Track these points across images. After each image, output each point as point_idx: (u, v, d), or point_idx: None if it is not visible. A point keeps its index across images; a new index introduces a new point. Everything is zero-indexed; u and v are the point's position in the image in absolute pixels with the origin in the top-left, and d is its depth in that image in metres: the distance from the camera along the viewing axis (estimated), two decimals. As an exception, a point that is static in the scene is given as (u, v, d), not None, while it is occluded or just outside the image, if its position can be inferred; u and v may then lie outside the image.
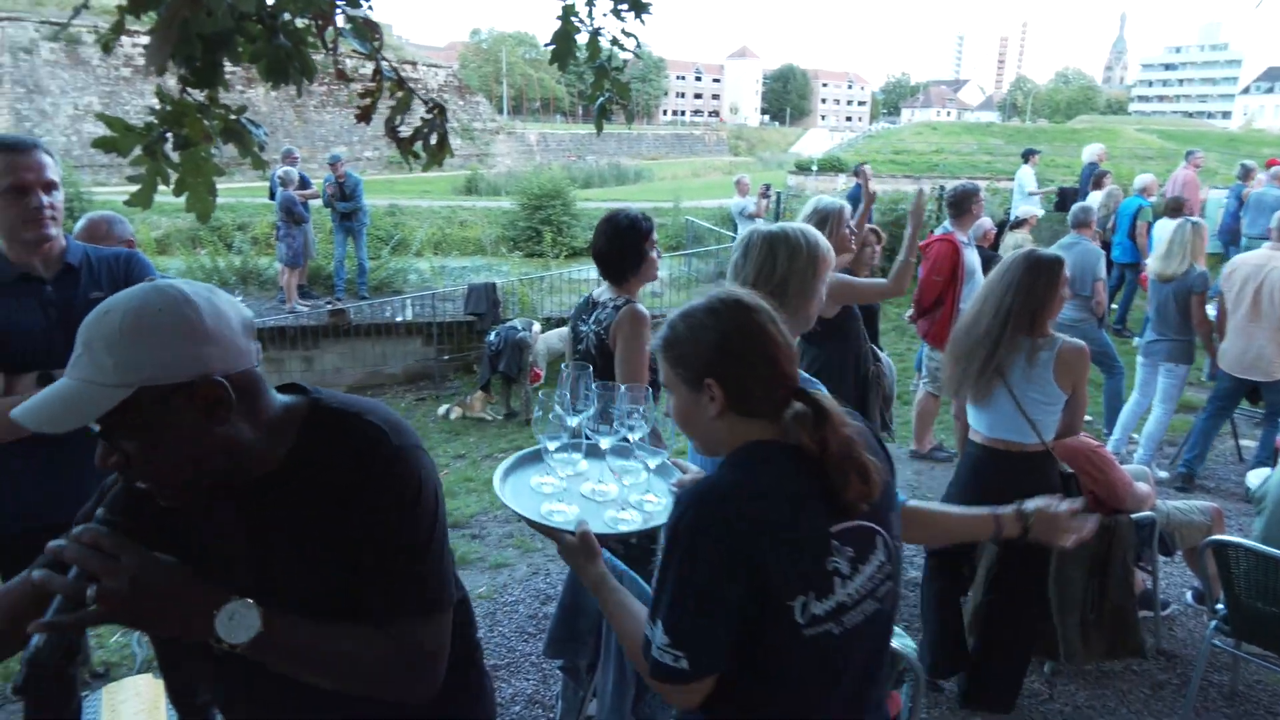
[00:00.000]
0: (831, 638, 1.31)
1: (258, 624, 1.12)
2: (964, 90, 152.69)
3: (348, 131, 33.22)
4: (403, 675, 1.22)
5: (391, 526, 1.22)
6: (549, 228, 17.46)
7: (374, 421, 1.25)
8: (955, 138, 35.40)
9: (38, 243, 2.24)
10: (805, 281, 1.95)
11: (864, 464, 1.33)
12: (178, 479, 1.16)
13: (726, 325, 1.40)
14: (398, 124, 1.79)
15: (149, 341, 1.09)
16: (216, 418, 1.14)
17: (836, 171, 24.22)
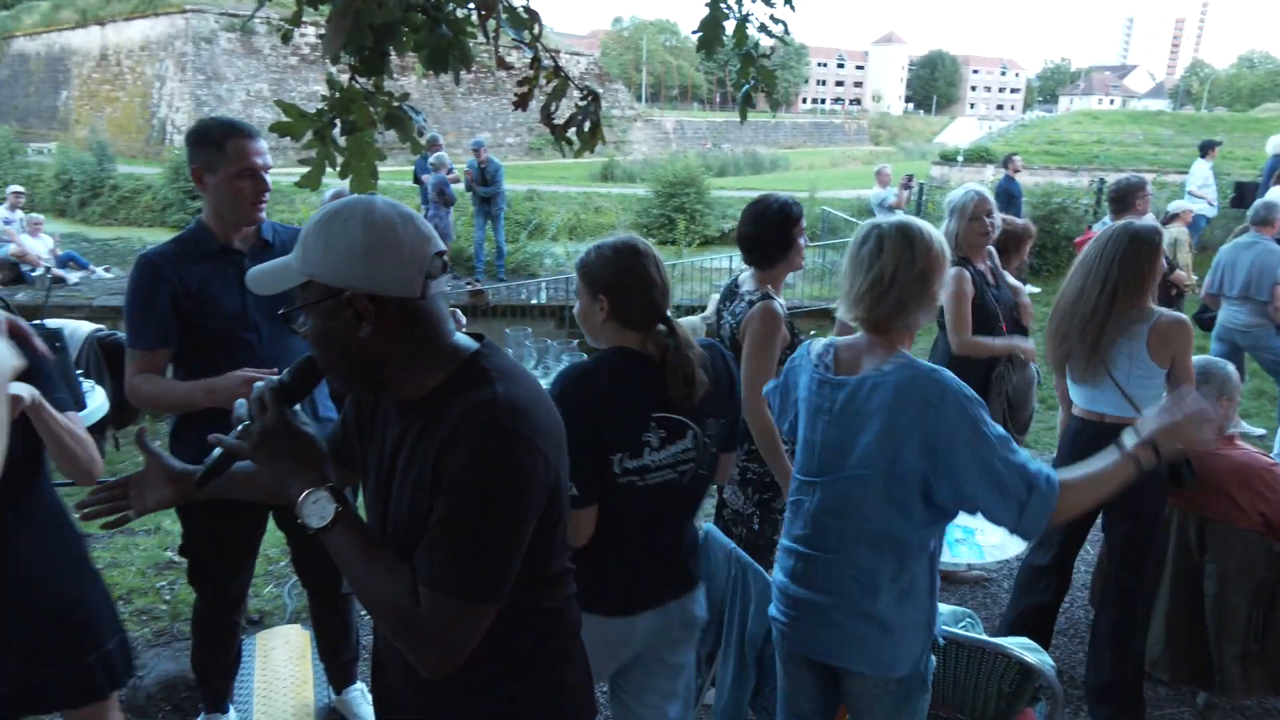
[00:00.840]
0: (635, 488, 1.86)
1: (328, 518, 1.26)
2: (1131, 76, 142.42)
3: (491, 118, 34.34)
4: (409, 637, 1.24)
5: (457, 494, 1.22)
6: (682, 215, 17.50)
7: (501, 393, 1.25)
8: (1119, 127, 33.10)
9: (253, 222, 2.44)
10: (938, 274, 1.92)
11: (690, 374, 1.84)
12: (329, 367, 1.32)
13: (620, 262, 1.92)
14: (552, 111, 1.84)
15: (326, 243, 1.24)
16: (358, 329, 1.25)
17: (984, 162, 23.15)
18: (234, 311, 2.44)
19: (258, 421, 1.29)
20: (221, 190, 2.35)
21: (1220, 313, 6.16)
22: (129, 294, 2.39)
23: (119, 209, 21.87)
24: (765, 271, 2.99)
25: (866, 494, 1.88)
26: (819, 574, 1.96)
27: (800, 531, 2.01)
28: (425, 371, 1.31)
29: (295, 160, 2.13)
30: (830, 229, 15.42)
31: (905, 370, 1.85)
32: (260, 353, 2.48)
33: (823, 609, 1.96)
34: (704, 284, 11.34)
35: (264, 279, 1.32)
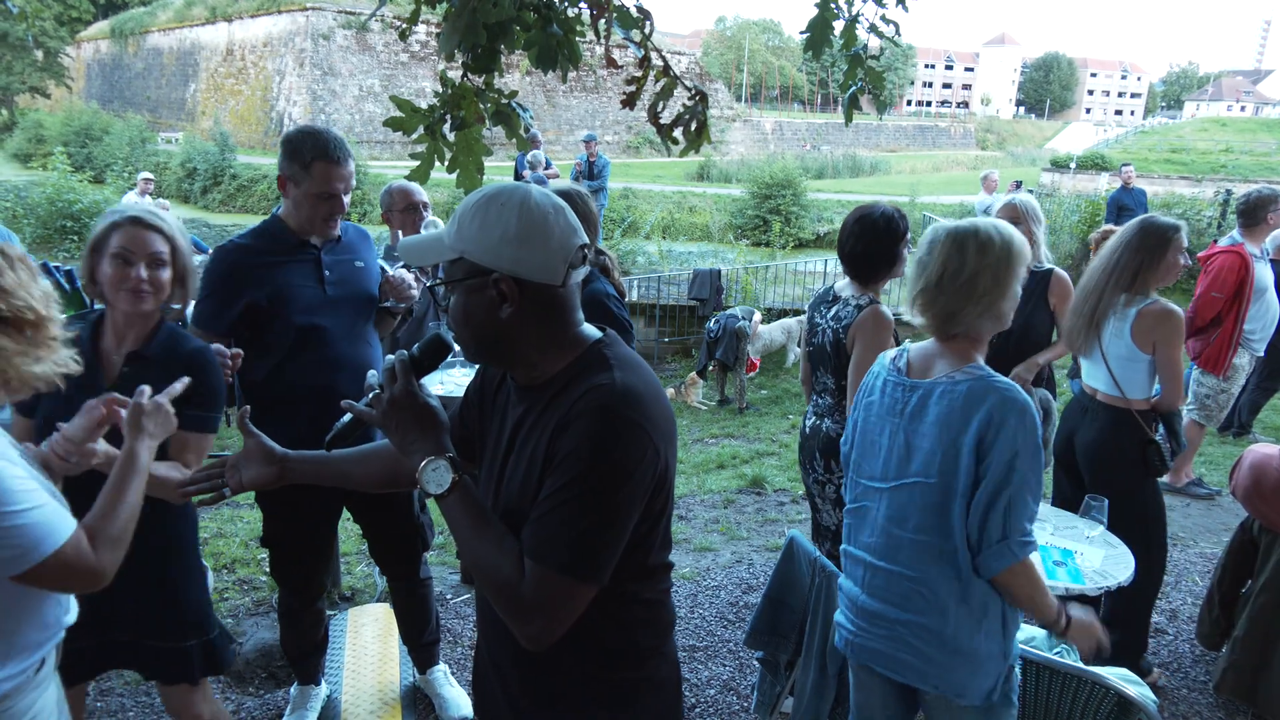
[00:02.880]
0: None
1: (446, 484, 1.32)
2: (1266, 82, 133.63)
3: (591, 116, 34.71)
4: (511, 606, 1.29)
5: (567, 473, 1.26)
6: (777, 217, 17.32)
7: (618, 380, 1.31)
8: (1250, 135, 31.23)
9: (325, 236, 2.57)
10: (998, 277, 1.85)
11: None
12: (465, 341, 1.39)
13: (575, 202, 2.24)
14: (660, 110, 1.85)
15: (481, 224, 1.30)
16: (499, 309, 1.32)
17: (1098, 169, 22.15)
18: (312, 305, 2.55)
19: (387, 390, 1.37)
20: (301, 204, 2.49)
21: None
22: (204, 277, 2.51)
23: (237, 196, 23.06)
24: (867, 285, 2.94)
25: (926, 503, 1.86)
26: (889, 586, 1.93)
27: (868, 540, 1.98)
28: (552, 356, 1.37)
29: (406, 154, 2.20)
30: (931, 235, 15.00)
31: (978, 383, 1.82)
32: (334, 347, 2.58)
33: (893, 624, 1.93)
34: (797, 287, 11.19)
35: (416, 250, 1.39)
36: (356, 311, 2.67)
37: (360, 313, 2.69)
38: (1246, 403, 6.42)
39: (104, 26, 42.62)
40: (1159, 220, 3.17)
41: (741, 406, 8.42)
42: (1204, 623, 3.53)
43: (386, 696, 3.15)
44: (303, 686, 2.99)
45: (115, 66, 41.39)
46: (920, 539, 1.87)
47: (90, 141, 27.46)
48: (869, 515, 1.99)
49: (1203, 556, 4.56)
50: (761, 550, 4.54)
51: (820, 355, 3.06)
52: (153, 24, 38.56)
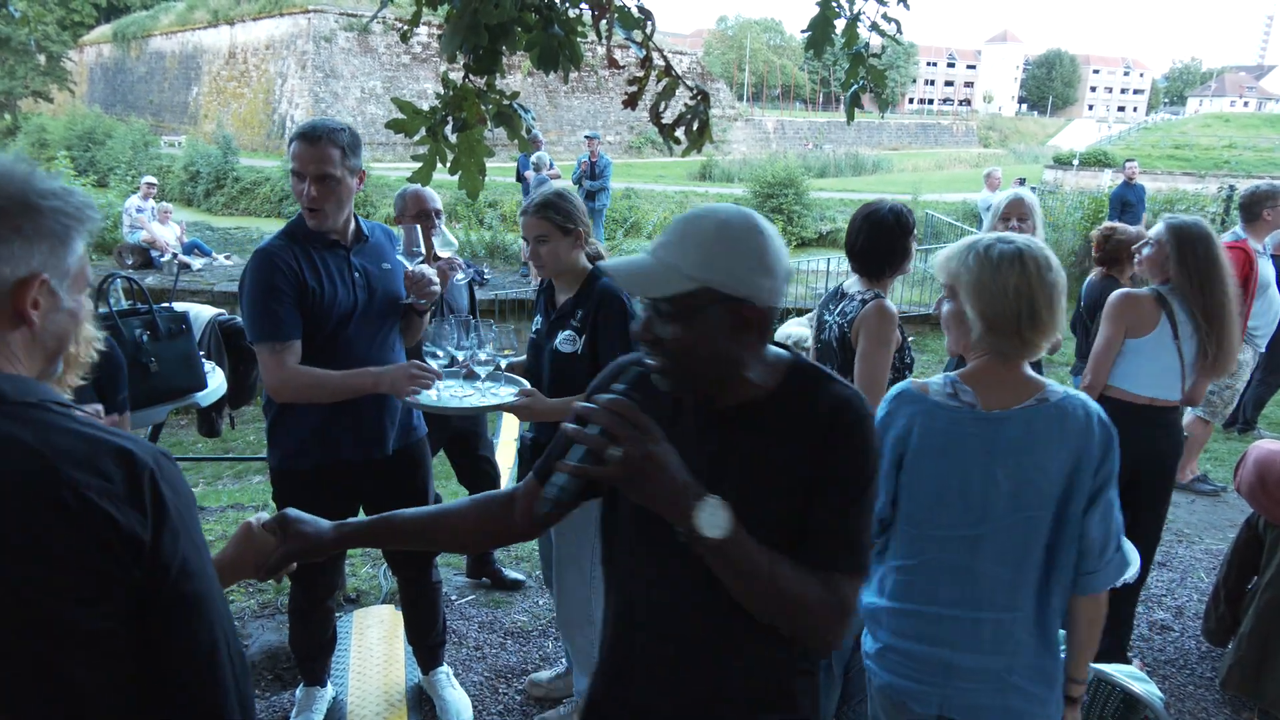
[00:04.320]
0: None
1: (727, 523, 1.21)
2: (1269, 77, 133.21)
3: (593, 116, 34.72)
4: (826, 624, 1.29)
5: (848, 481, 1.31)
6: (780, 216, 17.34)
7: (851, 385, 1.38)
8: (1253, 131, 31.19)
9: (315, 224, 2.52)
10: (1054, 300, 1.77)
11: None
12: (689, 371, 1.32)
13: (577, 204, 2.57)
14: (662, 110, 1.85)
15: (728, 253, 1.28)
16: (741, 336, 1.30)
17: (1101, 166, 22.11)
18: (348, 306, 2.55)
19: (635, 445, 1.19)
20: (292, 188, 2.49)
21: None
22: (252, 287, 2.46)
23: (240, 200, 23.10)
24: (875, 281, 2.94)
25: (1035, 539, 1.76)
26: (996, 636, 1.79)
27: (959, 593, 1.81)
28: (764, 375, 1.37)
29: (408, 156, 2.20)
30: (933, 233, 14.99)
31: (1077, 400, 1.75)
32: (359, 350, 2.58)
33: (999, 673, 1.79)
34: (801, 286, 11.19)
35: (641, 281, 1.31)
36: (383, 315, 2.66)
37: (387, 316, 2.68)
38: (1251, 398, 6.40)
39: (106, 30, 42.71)
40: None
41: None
42: (1210, 619, 3.53)
43: (392, 698, 3.15)
44: (308, 688, 3.00)
45: (118, 70, 41.49)
46: (1024, 576, 1.78)
47: (93, 145, 27.53)
48: (953, 566, 1.81)
49: (1208, 553, 4.55)
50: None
51: (827, 352, 3.07)
52: (155, 28, 38.64)
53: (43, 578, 0.96)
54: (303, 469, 2.65)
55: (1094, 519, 1.74)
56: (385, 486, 2.76)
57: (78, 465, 0.97)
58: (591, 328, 2.63)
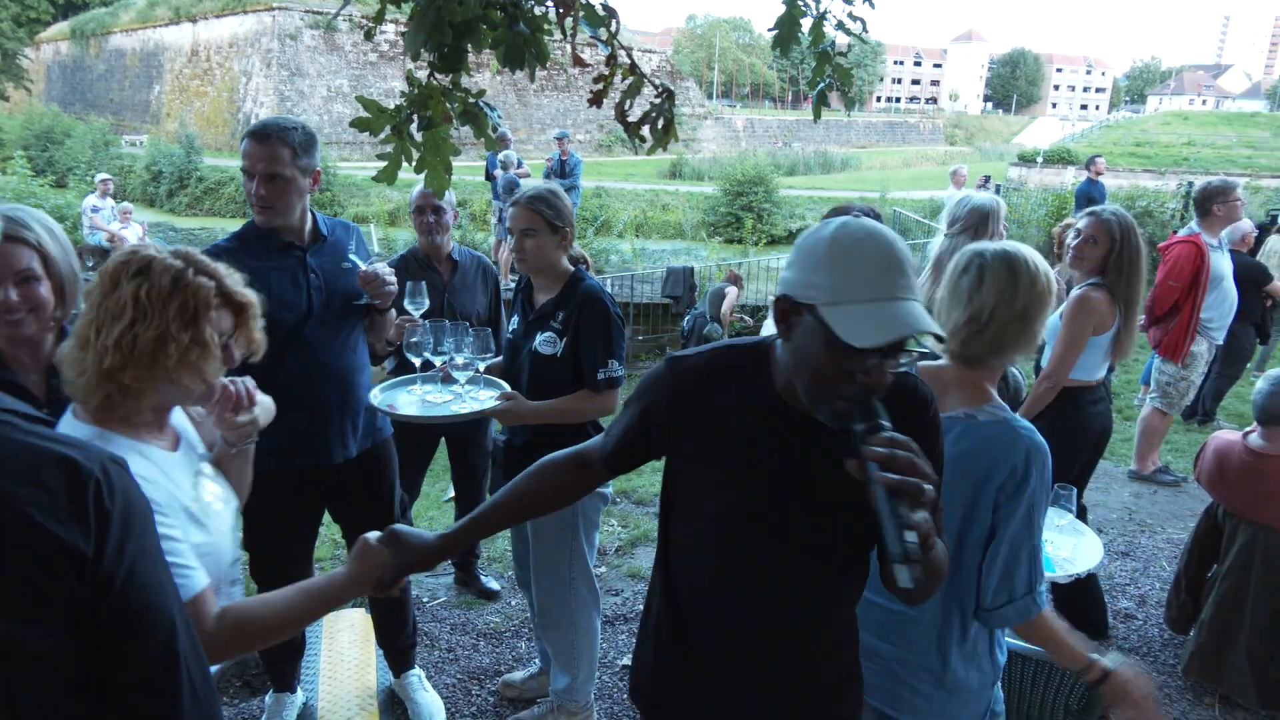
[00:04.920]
0: None
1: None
2: (1225, 76, 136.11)
3: (562, 115, 34.62)
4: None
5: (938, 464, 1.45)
6: (750, 214, 17.40)
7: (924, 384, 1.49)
8: (1210, 129, 31.82)
9: (263, 223, 2.47)
10: (1043, 312, 1.79)
11: None
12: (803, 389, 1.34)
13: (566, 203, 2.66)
14: (627, 108, 1.85)
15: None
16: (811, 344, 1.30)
17: (1065, 164, 22.44)
18: (302, 310, 2.50)
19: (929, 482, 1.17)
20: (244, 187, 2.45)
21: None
22: None
23: (204, 200, 22.73)
24: None
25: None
26: (887, 622, 1.84)
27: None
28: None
29: (373, 155, 2.17)
30: (901, 230, 15.13)
31: (1004, 427, 1.75)
32: (319, 352, 2.54)
33: (889, 660, 1.86)
34: (770, 283, 11.24)
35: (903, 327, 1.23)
36: (343, 316, 2.61)
37: (347, 317, 2.63)
38: (1210, 391, 6.54)
39: (64, 28, 41.84)
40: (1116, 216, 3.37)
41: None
42: (1172, 607, 3.60)
43: (364, 703, 3.12)
44: (278, 694, 2.96)
45: (76, 68, 40.67)
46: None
47: (51, 145, 26.94)
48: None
49: (1170, 542, 4.64)
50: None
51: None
52: (115, 25, 37.92)
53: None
54: (265, 470, 2.61)
55: (1001, 556, 1.72)
56: (350, 489, 2.73)
57: (16, 479, 0.94)
58: (574, 330, 2.63)
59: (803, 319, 1.30)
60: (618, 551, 4.49)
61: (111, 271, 1.44)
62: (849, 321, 1.23)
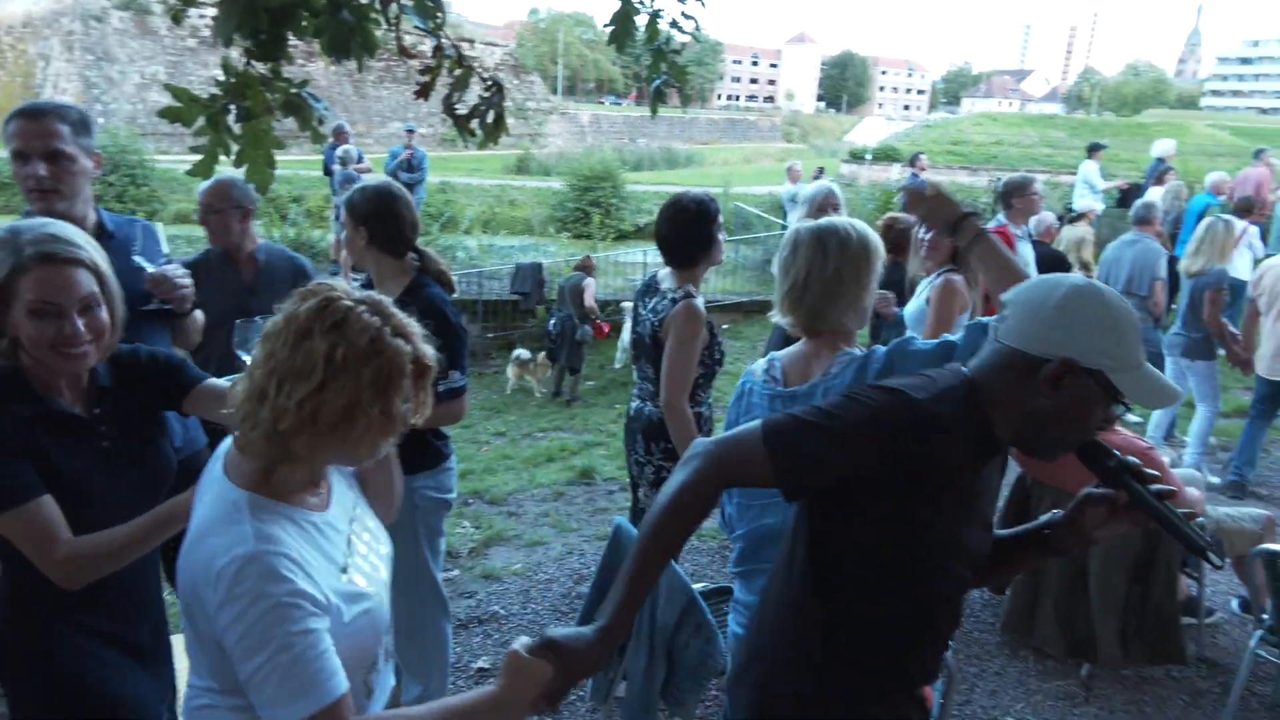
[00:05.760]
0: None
1: None
2: (1028, 81, 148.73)
3: (404, 108, 33.56)
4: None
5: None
6: (598, 210, 17.48)
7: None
8: (1016, 129, 34.62)
9: (43, 213, 2.19)
10: (858, 272, 1.93)
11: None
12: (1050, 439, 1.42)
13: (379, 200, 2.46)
14: (455, 101, 1.81)
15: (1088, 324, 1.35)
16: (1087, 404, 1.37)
17: (891, 161, 23.83)
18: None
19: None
20: (14, 174, 2.21)
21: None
22: None
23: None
24: (685, 270, 3.01)
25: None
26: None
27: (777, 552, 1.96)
28: None
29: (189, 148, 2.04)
30: (743, 224, 15.65)
31: (854, 364, 1.88)
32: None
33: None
34: (619, 278, 11.36)
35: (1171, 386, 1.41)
36: (136, 323, 2.40)
37: (143, 322, 2.39)
38: (1020, 369, 7.14)
39: None
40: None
41: (571, 399, 8.45)
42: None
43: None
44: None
45: None
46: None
47: None
48: (774, 532, 1.92)
49: (989, 510, 5.04)
50: (592, 540, 4.59)
51: (640, 345, 3.14)
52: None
53: None
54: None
55: None
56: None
57: None
58: None
59: (1081, 380, 1.36)
60: (471, 553, 4.42)
61: (303, 319, 1.24)
62: (1135, 387, 1.37)
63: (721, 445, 1.38)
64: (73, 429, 1.65)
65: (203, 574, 1.23)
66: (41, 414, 1.61)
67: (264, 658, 1.19)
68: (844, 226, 1.95)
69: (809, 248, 1.92)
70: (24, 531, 1.55)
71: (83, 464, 1.65)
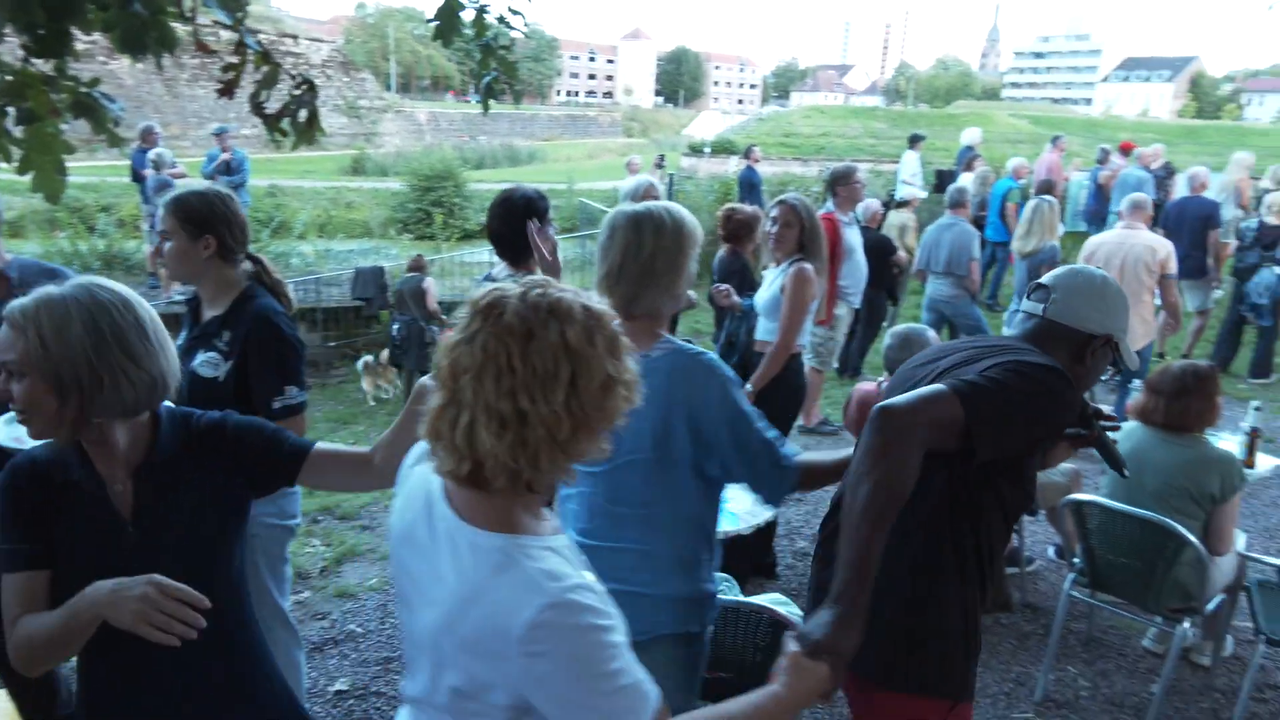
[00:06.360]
0: None
1: None
2: (850, 75, 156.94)
3: (223, 108, 31.46)
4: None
5: None
6: (440, 210, 17.08)
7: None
8: (842, 121, 36.40)
9: None
10: (673, 257, 1.95)
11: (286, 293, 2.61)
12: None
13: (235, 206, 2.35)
14: (263, 100, 1.71)
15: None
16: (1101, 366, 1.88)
17: (728, 154, 24.55)
18: None
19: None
20: None
21: (928, 286, 6.99)
22: None
23: None
24: (519, 265, 2.99)
25: (647, 478, 1.91)
26: (613, 562, 1.91)
27: (586, 525, 1.98)
28: None
29: (-38, 154, 1.82)
30: (587, 220, 15.68)
31: (674, 356, 1.92)
32: None
33: (619, 595, 1.95)
34: (465, 278, 11.14)
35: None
36: None
37: None
38: (857, 348, 7.54)
39: None
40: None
41: (419, 404, 8.21)
42: (835, 541, 4.14)
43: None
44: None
45: None
46: (645, 512, 1.91)
47: None
48: (586, 500, 1.98)
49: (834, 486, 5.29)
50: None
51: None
52: None
53: None
54: None
55: (734, 457, 1.91)
56: None
57: None
58: (241, 353, 2.38)
59: (1105, 347, 1.83)
60: (323, 572, 4.22)
61: (520, 321, 1.13)
62: (1128, 351, 1.86)
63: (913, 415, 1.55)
64: (95, 508, 1.48)
65: (494, 636, 1.14)
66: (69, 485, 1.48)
67: (599, 695, 1.15)
68: (659, 211, 1.97)
69: (625, 233, 1.94)
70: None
71: (95, 551, 1.47)
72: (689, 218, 2.01)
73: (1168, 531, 2.98)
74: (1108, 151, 12.25)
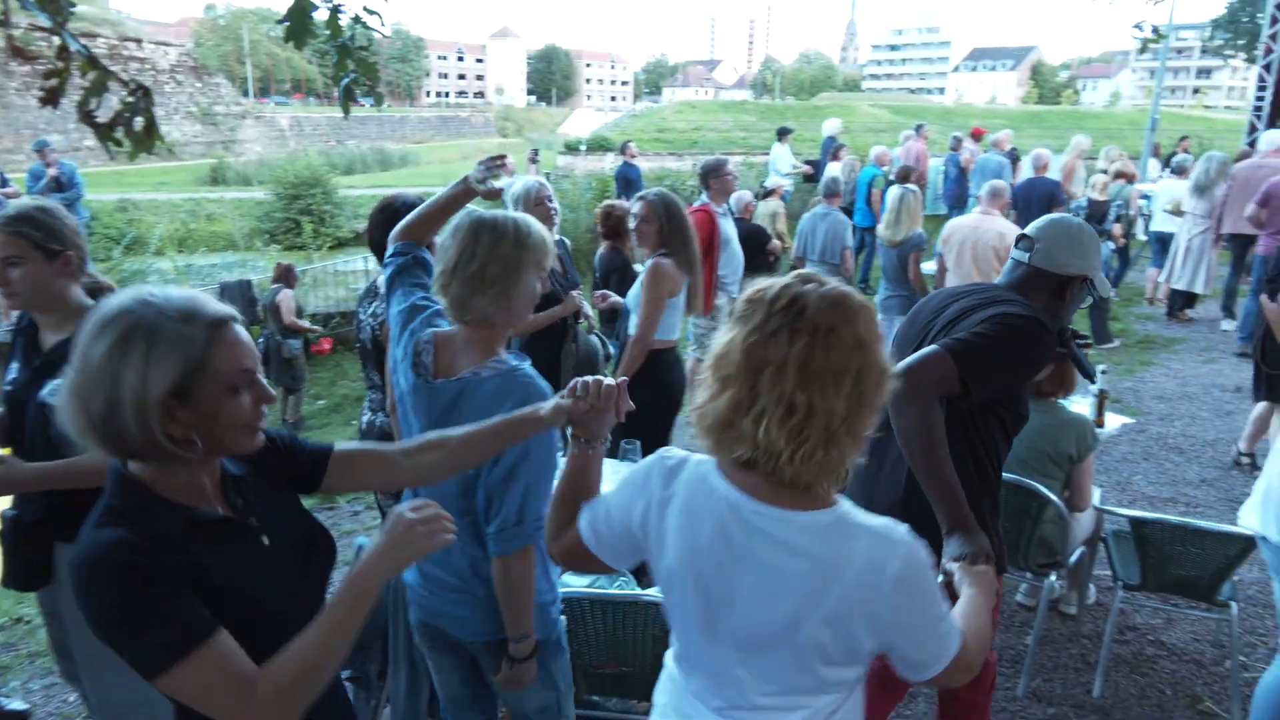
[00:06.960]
0: None
1: None
2: (719, 70, 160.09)
3: (61, 118, 29.35)
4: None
5: None
6: (309, 218, 16.43)
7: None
8: (713, 116, 37.09)
9: None
10: (509, 268, 1.88)
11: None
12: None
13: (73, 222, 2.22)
14: (93, 108, 1.59)
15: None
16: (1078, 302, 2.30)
17: (604, 151, 24.64)
18: None
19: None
20: None
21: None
22: None
23: None
24: None
25: (454, 490, 1.92)
26: (445, 558, 1.99)
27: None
28: None
29: None
30: (467, 222, 15.43)
31: (503, 379, 1.89)
32: None
33: (450, 588, 2.02)
34: (340, 288, 10.77)
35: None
36: None
37: None
38: (739, 338, 7.70)
39: None
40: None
41: (295, 422, 7.89)
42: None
43: None
44: None
45: None
46: (463, 521, 1.90)
47: None
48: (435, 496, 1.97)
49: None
50: (339, 566, 4.33)
51: (365, 352, 3.02)
52: None
53: None
54: None
55: (496, 482, 1.87)
56: None
57: None
58: None
59: (1084, 285, 2.24)
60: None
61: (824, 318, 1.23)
62: (1101, 285, 2.27)
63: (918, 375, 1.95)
64: (227, 535, 1.32)
65: (867, 595, 1.24)
66: (194, 524, 1.27)
67: (939, 624, 1.31)
68: (504, 221, 1.91)
69: (464, 235, 1.89)
70: (206, 679, 1.19)
71: (247, 573, 1.31)
72: (538, 234, 1.94)
73: (1032, 492, 3.17)
74: (960, 139, 12.96)
